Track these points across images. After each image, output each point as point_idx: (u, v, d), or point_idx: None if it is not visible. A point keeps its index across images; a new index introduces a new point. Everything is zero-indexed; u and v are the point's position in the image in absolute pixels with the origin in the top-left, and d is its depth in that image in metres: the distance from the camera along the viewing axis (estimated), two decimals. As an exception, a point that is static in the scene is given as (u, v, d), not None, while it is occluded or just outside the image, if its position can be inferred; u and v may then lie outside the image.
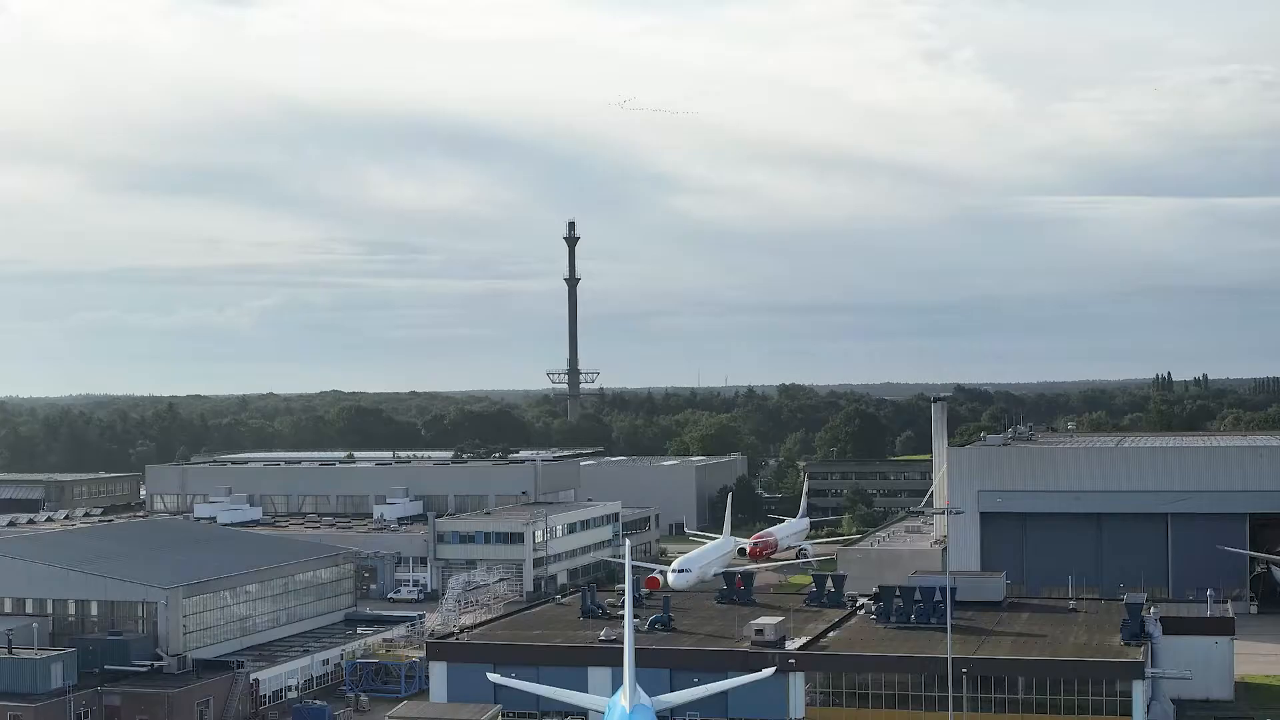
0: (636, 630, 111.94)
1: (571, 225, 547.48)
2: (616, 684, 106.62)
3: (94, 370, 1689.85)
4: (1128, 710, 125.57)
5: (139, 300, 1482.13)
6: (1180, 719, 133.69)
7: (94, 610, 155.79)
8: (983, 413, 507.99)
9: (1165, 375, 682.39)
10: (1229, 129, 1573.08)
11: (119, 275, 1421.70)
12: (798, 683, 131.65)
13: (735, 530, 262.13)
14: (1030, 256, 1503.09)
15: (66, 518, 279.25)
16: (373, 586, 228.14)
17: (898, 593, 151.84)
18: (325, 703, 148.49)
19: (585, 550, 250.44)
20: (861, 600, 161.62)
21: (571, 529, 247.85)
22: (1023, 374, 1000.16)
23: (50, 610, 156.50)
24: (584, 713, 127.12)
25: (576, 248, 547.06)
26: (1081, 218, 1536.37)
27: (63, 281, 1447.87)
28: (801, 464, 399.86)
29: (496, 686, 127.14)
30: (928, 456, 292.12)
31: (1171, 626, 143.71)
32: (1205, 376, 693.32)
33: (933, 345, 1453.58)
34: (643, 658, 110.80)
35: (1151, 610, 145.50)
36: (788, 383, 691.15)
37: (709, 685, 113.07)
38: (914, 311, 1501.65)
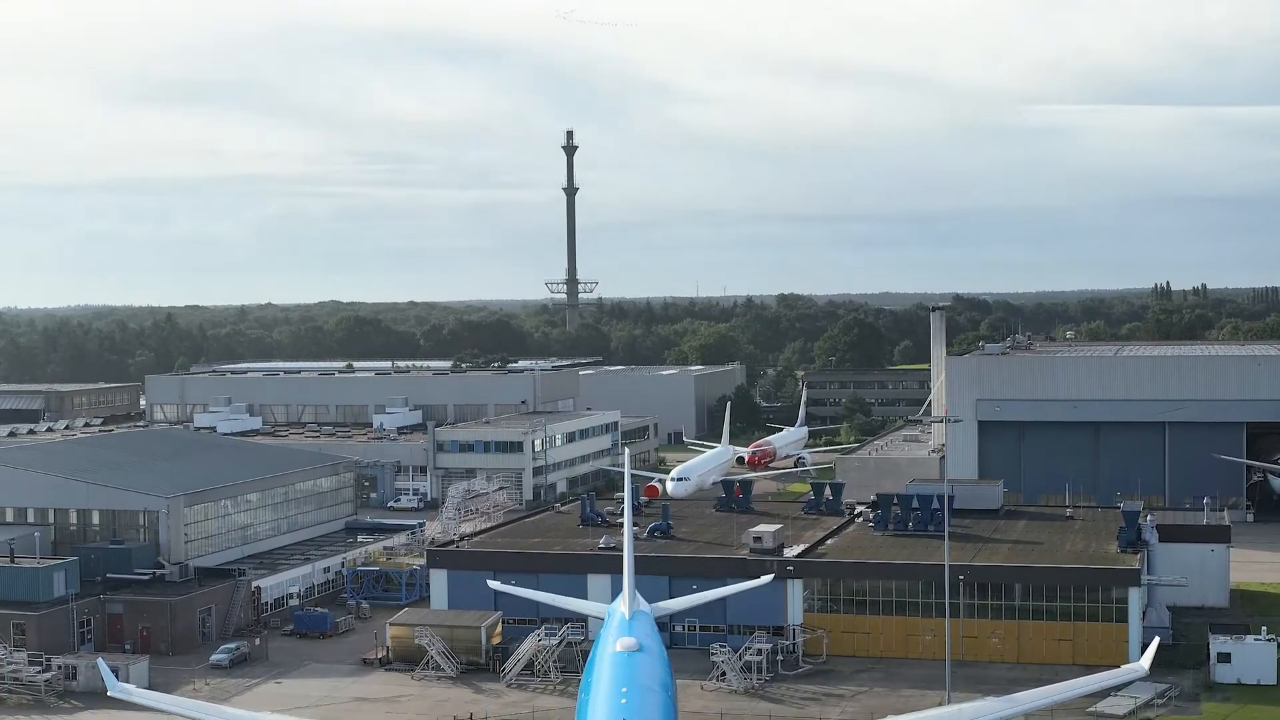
0: (635, 538, 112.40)
1: (570, 134, 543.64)
2: (616, 591, 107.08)
3: (93, 281, 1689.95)
4: (1123, 617, 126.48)
5: (138, 211, 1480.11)
6: (1176, 626, 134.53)
7: (95, 519, 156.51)
8: (981, 322, 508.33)
9: (1164, 285, 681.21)
10: (1233, 38, 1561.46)
11: (118, 186, 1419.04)
12: (796, 589, 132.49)
13: (734, 439, 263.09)
14: (1031, 166, 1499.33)
15: (67, 428, 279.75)
16: (373, 495, 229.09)
17: (895, 500, 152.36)
18: (327, 610, 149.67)
19: (584, 459, 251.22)
20: (859, 508, 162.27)
21: (570, 438, 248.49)
22: (1021, 283, 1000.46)
23: (52, 519, 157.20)
24: (584, 619, 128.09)
25: (575, 157, 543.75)
26: (1082, 127, 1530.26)
27: (61, 192, 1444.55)
28: (800, 373, 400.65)
29: (496, 594, 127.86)
30: (926, 366, 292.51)
31: (1168, 534, 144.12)
32: (1204, 286, 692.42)
33: (932, 255, 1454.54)
34: (642, 565, 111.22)
35: (1148, 518, 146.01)
36: (786, 292, 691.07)
37: (708, 592, 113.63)
38: (913, 221, 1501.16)
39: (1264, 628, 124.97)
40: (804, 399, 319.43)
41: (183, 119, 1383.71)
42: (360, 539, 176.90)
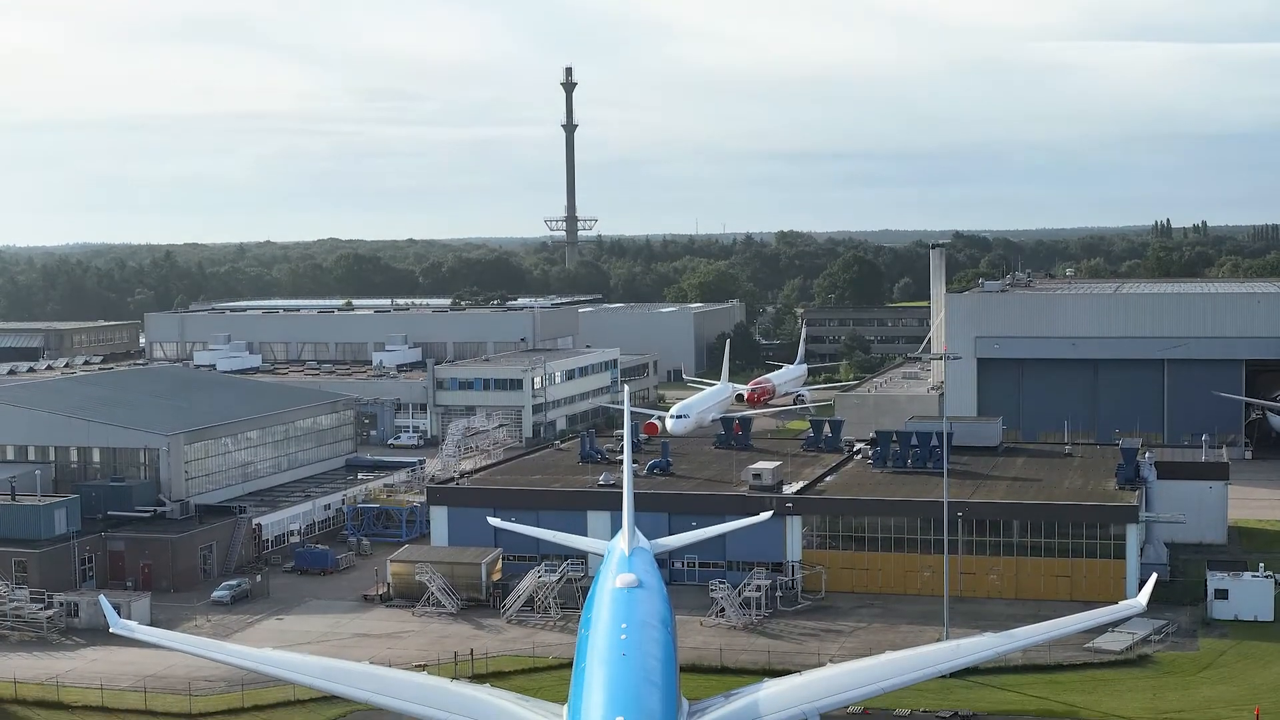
0: (635, 475, 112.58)
1: (569, 71, 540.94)
2: (615, 528, 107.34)
3: (91, 219, 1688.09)
4: (1121, 553, 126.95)
5: (136, 149, 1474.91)
6: (1174, 562, 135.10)
7: (96, 457, 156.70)
8: (981, 259, 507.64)
9: (1164, 222, 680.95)
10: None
11: (116, 124, 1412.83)
12: (795, 526, 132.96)
13: (733, 376, 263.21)
14: (1032, 103, 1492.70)
15: (66, 366, 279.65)
16: (373, 433, 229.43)
17: (895, 437, 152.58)
18: (327, 547, 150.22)
19: (584, 396, 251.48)
20: (859, 445, 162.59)
21: (570, 375, 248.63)
22: (1022, 220, 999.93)
23: (53, 457, 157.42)
24: (583, 556, 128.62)
25: (574, 94, 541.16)
26: (1084, 64, 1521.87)
27: (60, 130, 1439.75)
28: (799, 310, 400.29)
29: (497, 530, 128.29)
30: (925, 303, 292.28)
31: (1166, 471, 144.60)
32: (1204, 223, 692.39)
33: (932, 192, 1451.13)
34: (641, 502, 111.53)
35: (1146, 455, 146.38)
36: (786, 229, 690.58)
37: (707, 529, 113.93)
38: (914, 158, 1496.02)
39: (1261, 564, 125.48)
40: (803, 336, 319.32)
41: (180, 57, 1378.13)
42: (360, 476, 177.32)
